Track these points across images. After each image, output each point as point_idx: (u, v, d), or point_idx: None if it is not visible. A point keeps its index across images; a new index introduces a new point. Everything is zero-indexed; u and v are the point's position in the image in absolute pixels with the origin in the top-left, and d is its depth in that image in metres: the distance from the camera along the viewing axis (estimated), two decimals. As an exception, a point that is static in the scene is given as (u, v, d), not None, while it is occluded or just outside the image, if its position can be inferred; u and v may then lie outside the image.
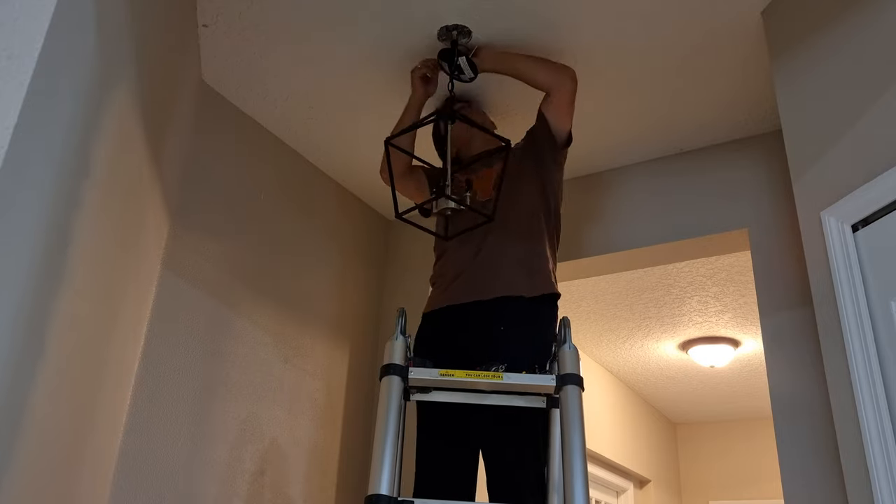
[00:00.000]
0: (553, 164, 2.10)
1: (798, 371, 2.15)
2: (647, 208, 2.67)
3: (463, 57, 2.08)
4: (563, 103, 2.05)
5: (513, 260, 1.97)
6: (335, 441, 2.71)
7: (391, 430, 1.57)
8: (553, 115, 2.06)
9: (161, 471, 2.02)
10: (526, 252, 1.99)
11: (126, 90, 1.57)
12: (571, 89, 2.04)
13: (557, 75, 2.04)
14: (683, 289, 3.73)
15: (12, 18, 1.13)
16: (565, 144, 2.10)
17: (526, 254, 1.98)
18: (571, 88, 2.04)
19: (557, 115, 2.06)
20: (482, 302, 1.93)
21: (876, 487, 1.45)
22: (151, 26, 1.71)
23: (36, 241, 1.20)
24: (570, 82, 2.03)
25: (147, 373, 2.03)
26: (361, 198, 3.09)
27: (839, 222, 1.67)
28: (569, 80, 2.03)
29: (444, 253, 2.10)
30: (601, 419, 4.73)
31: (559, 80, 2.03)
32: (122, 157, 1.60)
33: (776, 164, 2.44)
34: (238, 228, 2.43)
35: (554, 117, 2.06)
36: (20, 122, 1.09)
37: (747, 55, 2.21)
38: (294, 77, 2.36)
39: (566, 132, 2.08)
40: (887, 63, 1.62)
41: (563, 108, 2.05)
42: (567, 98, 2.04)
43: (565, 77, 2.04)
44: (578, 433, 1.53)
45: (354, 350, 2.91)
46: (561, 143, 2.09)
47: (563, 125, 2.07)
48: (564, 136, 2.08)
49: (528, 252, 1.99)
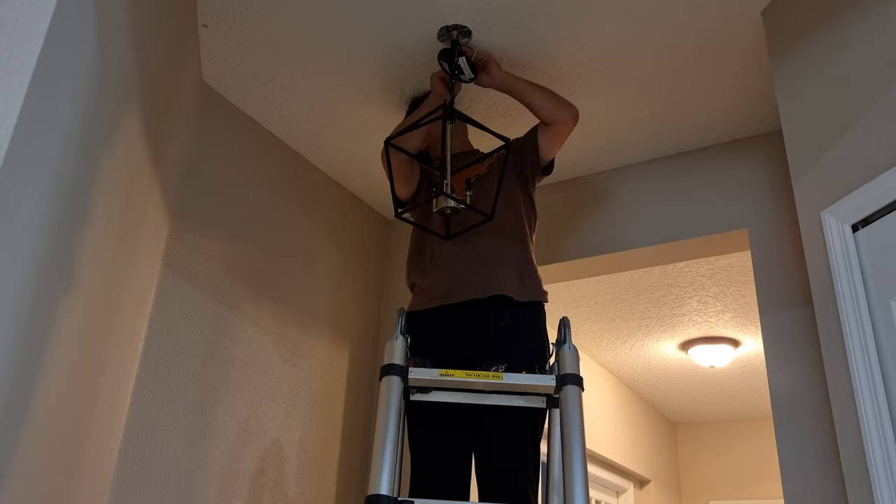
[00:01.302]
0: (531, 182, 2.17)
1: (798, 371, 2.15)
2: (647, 208, 2.67)
3: (463, 57, 2.09)
4: (560, 137, 2.12)
5: (506, 261, 2.00)
6: (335, 441, 2.71)
7: (391, 430, 1.57)
8: (546, 142, 2.12)
9: (161, 471, 2.02)
10: (518, 255, 2.02)
11: (126, 90, 1.57)
12: (572, 126, 2.10)
13: (562, 112, 2.08)
14: (683, 289, 3.73)
15: (12, 18, 1.13)
16: (545, 171, 2.19)
17: (518, 257, 2.02)
18: (572, 126, 2.10)
19: (550, 144, 2.13)
20: (477, 301, 1.94)
21: (876, 487, 1.45)
22: (151, 26, 1.71)
23: (36, 241, 1.20)
24: (573, 121, 2.09)
25: (147, 373, 2.03)
26: (361, 198, 3.09)
27: (839, 222, 1.67)
28: (571, 119, 2.09)
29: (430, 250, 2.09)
30: (601, 419, 4.73)
31: (563, 117, 2.08)
32: (122, 157, 1.60)
33: (776, 164, 2.44)
34: (238, 228, 2.43)
35: (546, 145, 2.13)
36: (20, 122, 1.09)
37: (747, 55, 2.21)
38: (294, 77, 2.36)
39: (549, 160, 2.17)
40: (887, 63, 1.62)
41: (557, 141, 2.13)
42: (565, 134, 2.12)
43: (569, 115, 2.08)
44: (578, 433, 1.54)
45: (354, 350, 2.91)
46: (543, 166, 2.16)
47: (550, 154, 2.15)
48: (546, 163, 2.17)
49: (520, 255, 2.03)
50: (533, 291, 1.98)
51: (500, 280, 1.95)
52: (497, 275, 1.96)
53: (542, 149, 2.13)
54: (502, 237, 2.02)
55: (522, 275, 1.99)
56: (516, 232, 2.05)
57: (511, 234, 2.04)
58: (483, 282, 1.96)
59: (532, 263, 2.04)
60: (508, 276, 1.97)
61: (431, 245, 2.09)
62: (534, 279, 2.01)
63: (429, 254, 2.09)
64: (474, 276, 1.98)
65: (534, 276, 2.02)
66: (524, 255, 2.03)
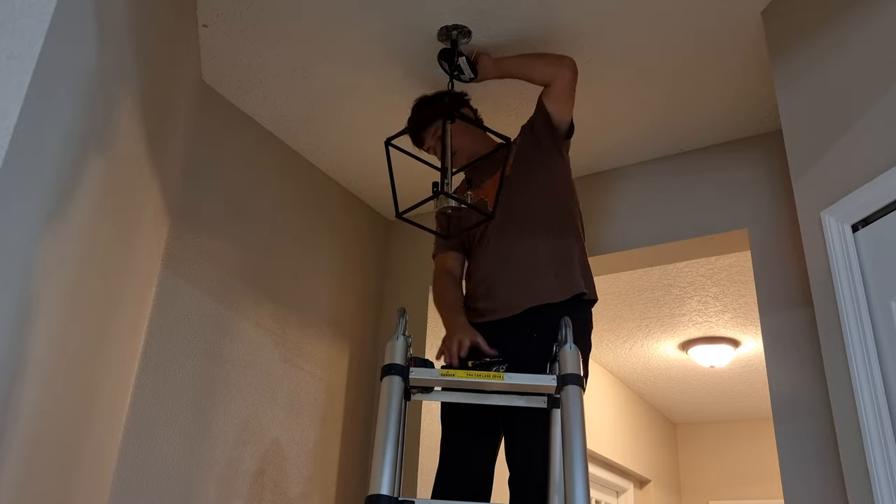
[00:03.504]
0: (558, 154, 2.06)
1: (798, 371, 2.15)
2: (647, 208, 2.67)
3: (463, 57, 2.09)
4: (564, 92, 2.02)
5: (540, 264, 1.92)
6: (335, 441, 2.71)
7: (391, 430, 1.57)
8: (553, 105, 2.03)
9: (161, 471, 2.02)
10: (552, 252, 1.93)
11: (126, 90, 1.57)
12: (571, 77, 2.01)
13: (555, 66, 2.02)
14: (683, 289, 3.73)
15: (12, 18, 1.13)
16: (567, 135, 2.07)
17: (552, 254, 1.93)
18: (570, 76, 2.01)
19: (558, 104, 2.03)
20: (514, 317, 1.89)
21: (876, 487, 1.45)
22: (151, 26, 1.71)
23: (35, 241, 1.20)
24: (569, 71, 2.00)
25: (147, 373, 2.03)
26: (361, 198, 3.09)
27: (839, 222, 1.67)
28: (567, 69, 2.00)
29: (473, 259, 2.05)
30: (601, 419, 4.73)
31: (558, 71, 2.01)
32: (122, 157, 1.60)
33: (776, 164, 2.44)
34: (238, 228, 2.43)
35: (554, 108, 2.03)
36: (20, 122, 1.09)
37: (747, 55, 2.21)
38: (294, 77, 2.36)
39: (567, 122, 2.05)
40: (887, 63, 1.62)
41: (563, 98, 2.02)
42: (567, 87, 2.01)
43: (563, 67, 2.01)
44: (579, 433, 1.53)
45: (354, 350, 2.90)
46: (562, 133, 2.06)
47: (564, 115, 2.04)
48: (566, 126, 2.06)
49: (555, 251, 1.93)
50: (569, 287, 1.88)
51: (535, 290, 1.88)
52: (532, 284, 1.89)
53: (552, 113, 2.03)
54: (535, 236, 1.94)
55: (559, 273, 1.90)
56: (547, 226, 1.96)
57: (544, 230, 1.95)
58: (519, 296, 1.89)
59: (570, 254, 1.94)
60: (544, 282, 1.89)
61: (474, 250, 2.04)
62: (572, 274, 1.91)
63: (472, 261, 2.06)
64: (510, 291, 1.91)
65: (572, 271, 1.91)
66: (559, 248, 1.93)
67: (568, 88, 2.01)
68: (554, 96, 2.03)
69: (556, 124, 2.04)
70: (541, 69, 2.04)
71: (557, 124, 2.04)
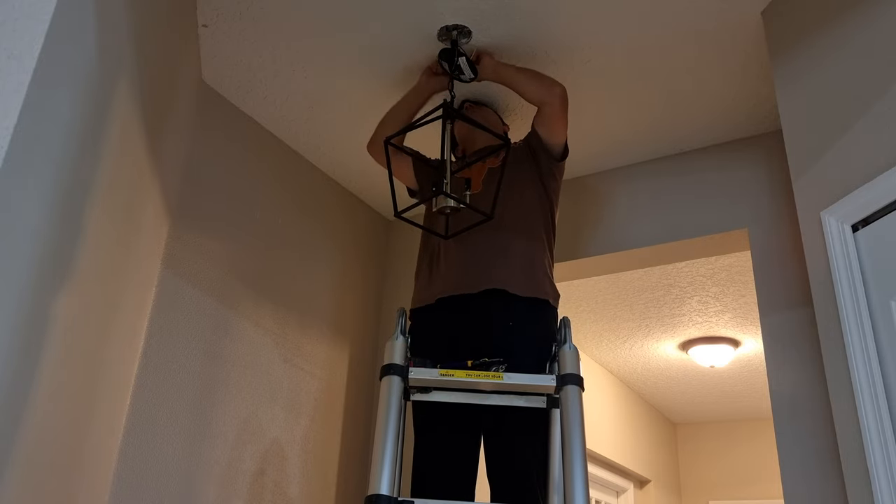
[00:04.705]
0: (549, 174, 2.11)
1: (798, 371, 2.15)
2: (647, 208, 2.67)
3: (463, 57, 2.09)
4: (553, 118, 2.06)
5: (509, 256, 1.96)
6: (335, 441, 2.71)
7: (391, 430, 1.57)
8: (544, 129, 2.09)
9: (161, 471, 2.02)
10: (523, 251, 1.98)
11: (126, 90, 1.57)
12: (559, 106, 2.04)
13: (546, 92, 2.05)
14: (683, 289, 3.73)
15: (12, 18, 1.13)
16: (561, 157, 2.12)
17: (523, 253, 1.98)
18: (560, 105, 2.04)
19: (548, 129, 2.08)
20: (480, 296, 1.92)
21: (876, 487, 1.45)
22: (151, 26, 1.71)
23: (35, 241, 1.20)
24: (558, 99, 2.04)
25: (147, 373, 2.03)
26: (361, 198, 3.09)
27: (839, 222, 1.67)
28: (556, 97, 2.04)
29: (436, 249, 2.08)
30: (601, 419, 4.73)
31: (548, 97, 2.04)
32: (122, 157, 1.60)
33: (776, 164, 2.44)
34: (238, 228, 2.43)
35: (545, 132, 2.09)
36: (20, 122, 1.10)
37: (747, 55, 2.21)
38: (294, 77, 2.36)
39: (561, 146, 2.11)
40: (887, 63, 1.62)
41: (553, 123, 2.07)
42: (555, 114, 2.05)
43: (553, 94, 2.04)
44: (578, 433, 1.54)
45: (354, 350, 2.91)
46: (556, 156, 2.11)
47: (557, 139, 2.09)
48: (559, 149, 2.11)
49: (525, 252, 1.99)
50: (534, 288, 1.94)
51: (498, 275, 1.93)
52: (495, 269, 1.94)
53: (543, 137, 2.09)
54: (506, 233, 1.99)
55: (525, 271, 1.95)
56: (523, 228, 2.01)
57: (516, 230, 2.00)
58: (480, 276, 1.93)
59: (540, 260, 1.99)
60: (507, 271, 1.93)
61: (437, 245, 2.08)
62: (538, 276, 1.96)
63: (434, 254, 2.08)
64: (473, 270, 1.95)
65: (539, 274, 1.97)
66: (530, 251, 1.99)
67: (557, 115, 2.05)
68: (544, 121, 2.08)
69: (548, 147, 2.10)
70: (533, 89, 2.07)
71: (550, 147, 2.10)
